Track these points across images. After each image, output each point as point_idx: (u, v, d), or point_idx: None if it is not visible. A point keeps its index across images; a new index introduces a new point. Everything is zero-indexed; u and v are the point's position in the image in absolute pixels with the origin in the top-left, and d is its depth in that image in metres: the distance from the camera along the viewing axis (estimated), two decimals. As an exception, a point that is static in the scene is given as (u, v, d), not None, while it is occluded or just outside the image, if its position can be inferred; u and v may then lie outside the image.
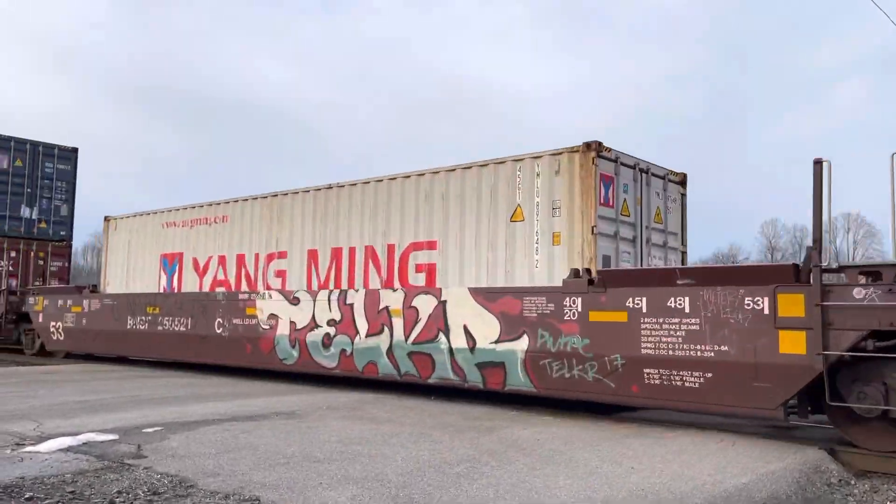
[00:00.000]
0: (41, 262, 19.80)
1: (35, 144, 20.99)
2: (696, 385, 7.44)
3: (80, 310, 16.00)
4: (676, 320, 7.61)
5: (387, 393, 10.77)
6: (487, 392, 9.86)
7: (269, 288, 12.58)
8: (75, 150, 21.97)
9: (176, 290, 14.40)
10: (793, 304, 7.03)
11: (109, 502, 4.51)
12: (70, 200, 21.71)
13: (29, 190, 20.78)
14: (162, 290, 14.66)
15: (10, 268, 19.41)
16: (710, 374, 7.37)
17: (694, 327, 7.49)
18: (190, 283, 14.17)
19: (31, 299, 17.75)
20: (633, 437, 7.19)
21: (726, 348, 7.28)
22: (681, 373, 7.55)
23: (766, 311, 7.10)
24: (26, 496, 4.59)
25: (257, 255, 13.08)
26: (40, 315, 17.21)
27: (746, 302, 7.22)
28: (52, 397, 9.55)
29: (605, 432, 7.48)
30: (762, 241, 66.49)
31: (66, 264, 21.09)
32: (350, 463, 5.71)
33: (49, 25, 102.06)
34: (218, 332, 12.92)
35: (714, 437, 7.28)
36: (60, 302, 16.63)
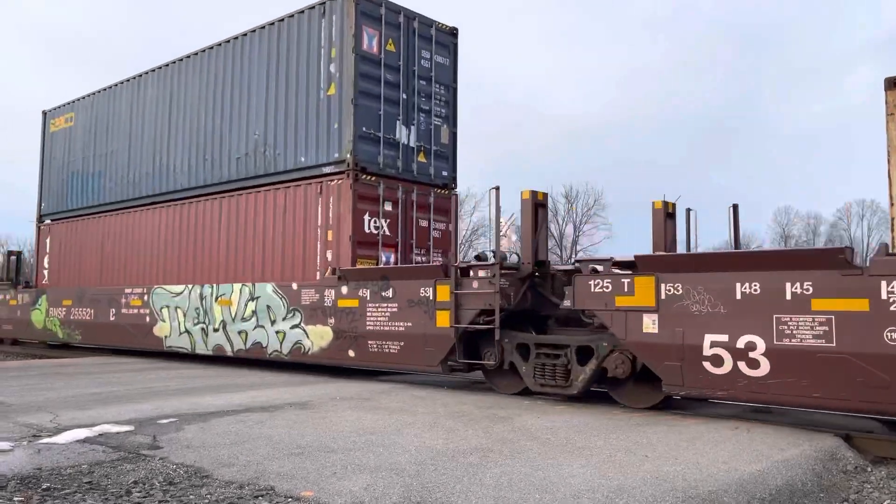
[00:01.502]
0: (424, 222, 12.36)
1: (409, 17, 12.50)
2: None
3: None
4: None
5: (397, 383, 10.81)
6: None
7: None
8: (454, 33, 13.25)
9: None
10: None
11: (126, 492, 4.55)
12: (451, 118, 13.19)
13: (404, 96, 12.34)
14: None
15: (387, 230, 11.80)
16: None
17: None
18: None
19: (595, 282, 8.19)
20: (646, 426, 7.17)
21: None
22: None
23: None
24: (44, 486, 4.64)
25: None
26: (685, 320, 7.55)
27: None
28: (68, 389, 9.64)
29: (618, 421, 7.47)
30: (775, 229, 66.08)
31: (449, 227, 12.89)
32: (364, 452, 5.73)
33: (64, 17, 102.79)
34: None
35: (728, 424, 7.25)
36: (796, 286, 6.88)
